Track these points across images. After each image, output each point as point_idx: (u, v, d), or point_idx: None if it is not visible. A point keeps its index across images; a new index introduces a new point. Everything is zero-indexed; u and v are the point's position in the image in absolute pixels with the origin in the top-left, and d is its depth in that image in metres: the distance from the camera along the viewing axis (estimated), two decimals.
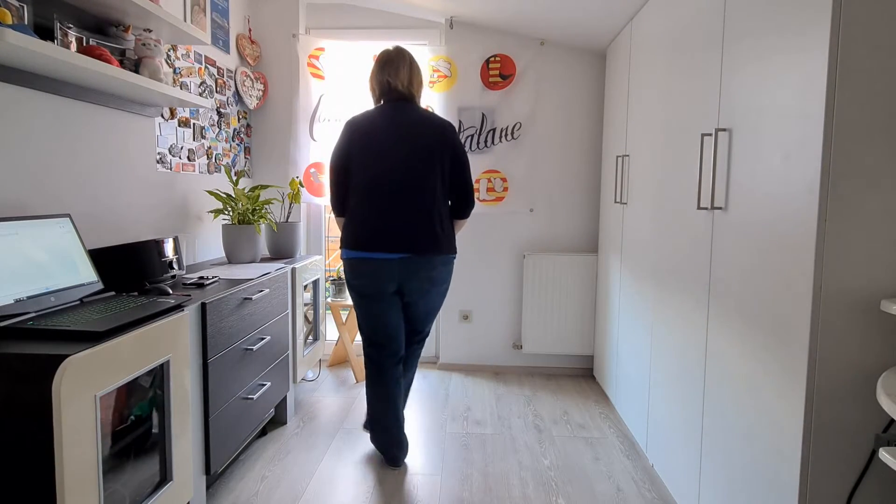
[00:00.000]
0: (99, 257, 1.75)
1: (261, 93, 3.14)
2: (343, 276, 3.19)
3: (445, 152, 2.08)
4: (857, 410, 1.14)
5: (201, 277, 2.03)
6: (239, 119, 3.02)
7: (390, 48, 2.18)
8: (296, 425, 2.52)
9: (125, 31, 1.90)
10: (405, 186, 2.02)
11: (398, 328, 2.17)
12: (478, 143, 3.18)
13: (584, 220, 3.27)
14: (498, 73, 3.15)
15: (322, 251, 3.43)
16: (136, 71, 1.88)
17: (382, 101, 2.16)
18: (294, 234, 2.76)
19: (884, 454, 0.99)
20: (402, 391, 2.23)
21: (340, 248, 2.13)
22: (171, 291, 1.78)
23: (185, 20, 2.41)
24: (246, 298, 2.00)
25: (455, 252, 2.15)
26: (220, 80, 2.77)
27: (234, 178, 2.90)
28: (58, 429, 1.12)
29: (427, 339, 2.49)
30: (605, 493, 2.00)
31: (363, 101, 3.18)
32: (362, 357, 3.20)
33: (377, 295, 2.09)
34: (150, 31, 1.93)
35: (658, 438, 2.03)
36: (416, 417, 2.64)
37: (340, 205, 2.17)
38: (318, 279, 2.94)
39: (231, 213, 2.51)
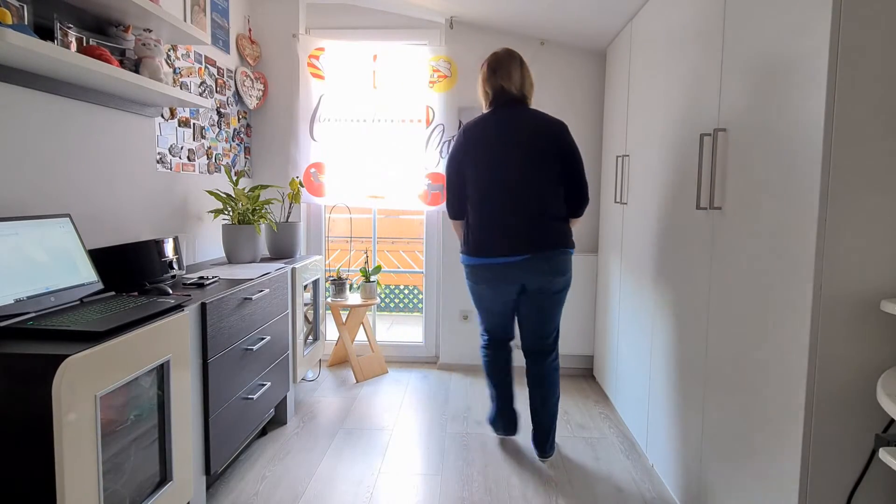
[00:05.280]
0: (99, 257, 1.75)
1: (261, 93, 3.14)
2: (341, 277, 3.21)
3: (559, 153, 2.07)
4: (857, 410, 1.14)
5: (201, 277, 2.03)
6: (239, 119, 3.02)
7: (498, 51, 2.17)
8: (296, 425, 2.52)
9: (125, 31, 1.89)
10: (521, 190, 2.05)
11: (511, 319, 2.30)
12: None
13: (585, 220, 3.26)
14: None
15: (322, 251, 3.43)
16: (136, 71, 1.88)
17: (494, 106, 2.15)
18: (294, 234, 2.76)
19: (884, 454, 0.99)
20: (513, 370, 2.41)
21: (461, 253, 2.21)
22: (171, 291, 1.78)
23: (185, 20, 2.41)
24: (246, 298, 2.00)
25: (573, 246, 2.13)
26: (220, 80, 2.77)
27: (234, 178, 2.90)
28: (58, 429, 1.12)
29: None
30: (605, 493, 2.00)
31: (363, 102, 3.19)
32: (362, 357, 3.20)
33: (499, 294, 2.17)
34: (150, 31, 1.93)
35: (658, 438, 2.03)
36: (416, 417, 2.64)
37: (456, 210, 2.21)
38: (318, 279, 2.94)
39: (231, 213, 2.51)
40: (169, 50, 2.29)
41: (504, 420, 2.39)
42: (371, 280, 3.23)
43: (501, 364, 2.37)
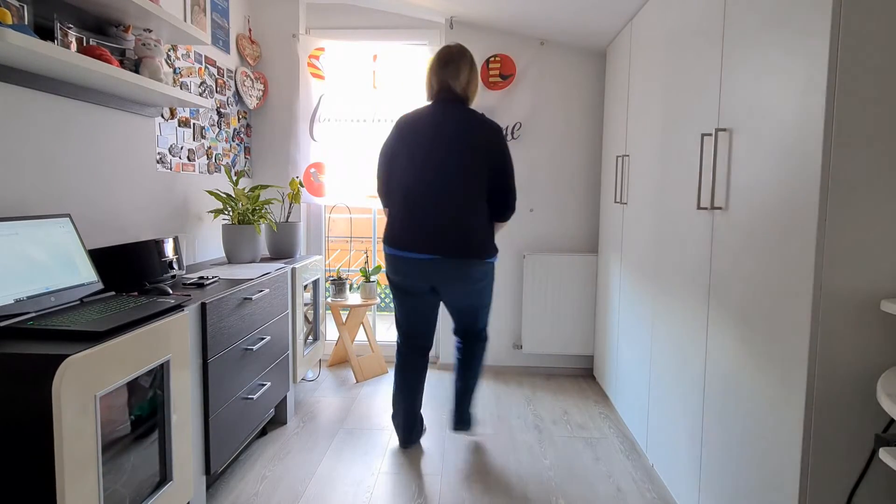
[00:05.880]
0: (99, 257, 1.75)
1: (261, 93, 3.14)
2: (341, 277, 3.21)
3: (490, 156, 2.06)
4: (857, 410, 1.14)
5: (201, 277, 2.03)
6: (239, 119, 3.02)
7: (452, 46, 2.15)
8: (296, 425, 2.52)
9: (125, 31, 1.89)
10: (444, 188, 2.02)
11: (428, 324, 2.28)
12: None
13: (584, 220, 3.27)
14: (498, 73, 3.15)
15: (322, 251, 3.43)
16: (136, 71, 1.88)
17: (435, 100, 2.14)
18: (294, 234, 2.76)
19: (884, 454, 0.99)
20: (422, 382, 2.33)
21: (382, 241, 2.18)
22: (170, 291, 1.77)
23: (185, 20, 2.41)
24: (246, 298, 2.00)
25: (492, 254, 2.12)
26: (220, 80, 2.77)
27: (234, 178, 2.89)
28: (58, 429, 1.12)
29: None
30: (605, 493, 2.00)
31: (363, 102, 3.19)
32: (362, 357, 3.20)
33: (410, 290, 2.18)
34: (150, 31, 1.93)
35: (658, 438, 2.03)
36: None
37: (385, 198, 2.21)
38: (318, 279, 2.94)
39: (231, 213, 2.51)
40: (169, 50, 2.29)
41: (405, 432, 2.30)
42: (371, 280, 3.23)
43: (411, 372, 2.28)
